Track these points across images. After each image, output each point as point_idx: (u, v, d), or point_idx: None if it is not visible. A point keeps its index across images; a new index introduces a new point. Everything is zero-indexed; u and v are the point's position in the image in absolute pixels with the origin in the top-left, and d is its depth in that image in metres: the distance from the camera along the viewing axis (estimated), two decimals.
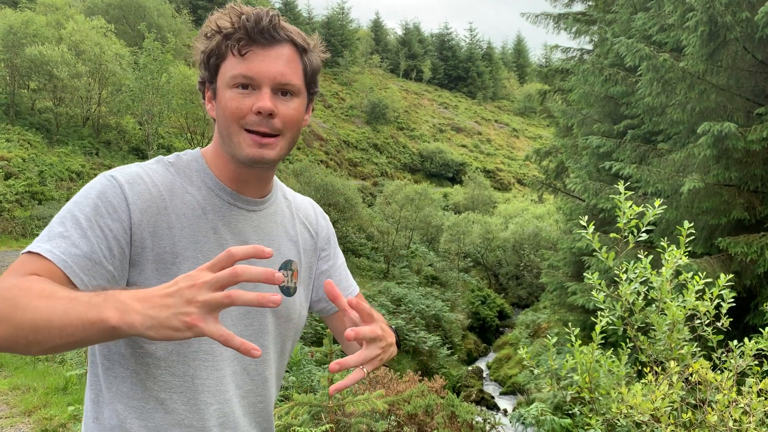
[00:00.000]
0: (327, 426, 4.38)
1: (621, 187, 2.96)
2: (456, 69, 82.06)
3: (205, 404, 1.31)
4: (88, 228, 1.19)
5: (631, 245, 2.92)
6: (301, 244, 1.53)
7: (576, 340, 2.96)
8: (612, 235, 2.97)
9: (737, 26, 8.17)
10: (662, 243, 2.92)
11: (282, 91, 1.31)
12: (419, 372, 8.02)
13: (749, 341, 2.78)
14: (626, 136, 11.95)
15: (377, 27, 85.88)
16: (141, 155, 29.35)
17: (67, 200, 1.34)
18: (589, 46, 18.30)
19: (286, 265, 1.46)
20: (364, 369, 1.20)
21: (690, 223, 2.89)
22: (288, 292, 1.46)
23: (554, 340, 3.11)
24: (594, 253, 2.90)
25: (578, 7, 19.17)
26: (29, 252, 1.15)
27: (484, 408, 13.83)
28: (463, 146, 62.16)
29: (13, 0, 40.87)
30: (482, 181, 45.60)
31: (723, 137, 7.93)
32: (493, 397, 17.21)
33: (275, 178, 1.52)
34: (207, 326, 0.98)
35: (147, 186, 1.28)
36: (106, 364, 1.30)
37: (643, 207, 2.92)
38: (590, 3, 18.07)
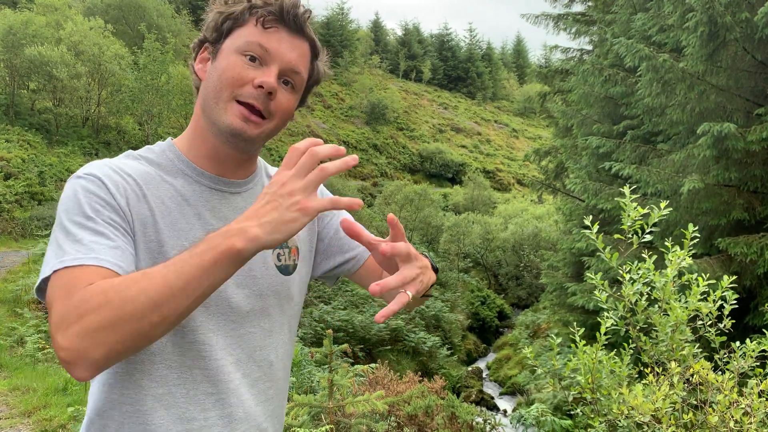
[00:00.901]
0: (327, 427, 4.38)
1: (627, 190, 2.95)
2: (456, 69, 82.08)
3: (205, 395, 1.25)
4: (94, 225, 1.13)
5: (635, 246, 2.92)
6: None
7: (580, 341, 2.95)
8: (616, 236, 2.97)
9: (737, 27, 8.17)
10: (666, 243, 2.92)
11: (285, 79, 1.28)
12: (419, 373, 8.03)
13: (751, 342, 2.78)
14: (626, 136, 11.95)
15: (377, 27, 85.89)
16: None
17: None
18: (589, 47, 18.31)
19: (282, 244, 1.36)
20: (408, 292, 1.12)
21: (690, 223, 2.89)
22: (287, 270, 1.41)
23: (558, 340, 3.11)
24: (597, 254, 2.90)
25: (578, 8, 19.18)
26: (53, 272, 1.08)
27: (484, 408, 13.83)
28: (463, 147, 62.18)
29: (13, 0, 40.90)
30: (482, 181, 45.61)
31: (723, 138, 7.93)
32: (492, 398, 17.21)
33: (260, 160, 1.47)
34: (315, 204, 1.04)
35: (121, 176, 1.22)
36: (103, 376, 1.26)
37: (648, 208, 2.92)
38: (590, 3, 18.07)
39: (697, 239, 2.87)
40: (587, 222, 3.05)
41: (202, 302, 1.07)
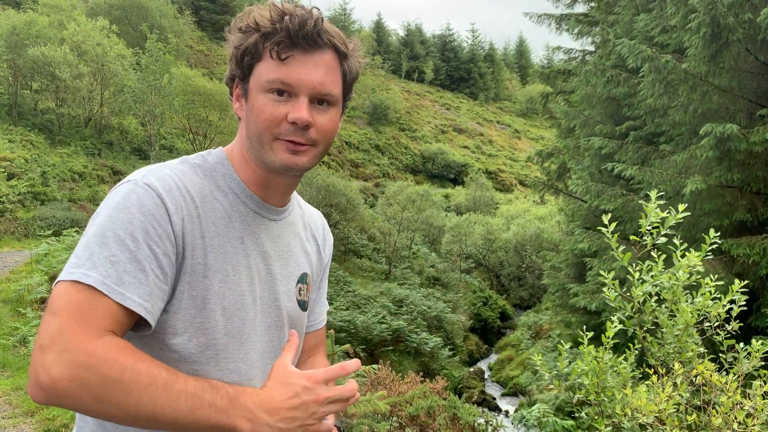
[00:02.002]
0: None
1: (653, 194, 2.97)
2: (458, 70, 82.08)
3: None
4: (136, 250, 1.09)
5: (648, 247, 2.93)
6: (312, 257, 1.49)
7: (587, 344, 2.95)
8: (632, 237, 2.97)
9: (740, 28, 8.16)
10: (676, 242, 2.92)
11: (319, 100, 1.24)
12: (421, 373, 8.02)
13: (756, 342, 2.77)
14: (628, 137, 11.94)
15: (379, 28, 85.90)
16: (143, 156, 29.39)
17: (69, 201, 1.27)
18: (592, 48, 18.31)
19: (303, 278, 1.41)
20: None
21: (692, 224, 2.89)
22: (304, 306, 1.42)
23: (568, 346, 3.11)
24: (600, 255, 2.90)
25: (580, 8, 19.18)
26: (78, 282, 1.04)
27: (485, 409, 13.82)
28: (465, 147, 62.16)
29: (16, 1, 40.97)
30: (484, 182, 45.58)
31: (725, 139, 7.92)
32: (494, 399, 17.19)
33: None
34: (321, 429, 1.14)
35: (181, 192, 1.19)
36: None
37: (667, 212, 2.93)
38: (592, 4, 18.07)
39: (698, 240, 2.88)
40: (605, 220, 3.05)
41: None
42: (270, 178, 1.30)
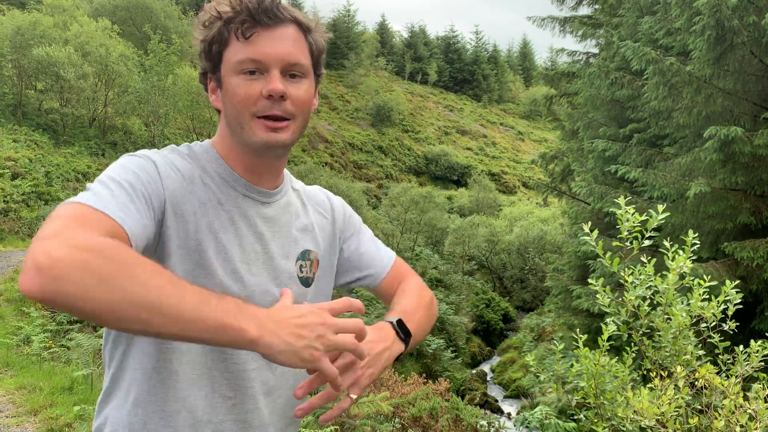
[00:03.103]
0: (332, 428, 4.39)
1: (622, 201, 2.96)
2: (461, 72, 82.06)
3: (223, 398, 1.27)
4: (133, 193, 1.13)
5: (635, 251, 2.92)
6: (318, 232, 1.49)
7: (582, 348, 2.96)
8: (615, 243, 2.97)
9: (744, 30, 8.15)
10: (666, 244, 2.92)
11: (291, 73, 1.27)
12: (423, 375, 8.03)
13: (755, 344, 2.77)
14: (632, 139, 11.92)
15: (383, 29, 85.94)
16: None
17: None
18: (595, 50, 18.31)
19: (304, 255, 1.43)
20: (351, 395, 1.18)
21: (696, 227, 2.89)
22: (306, 282, 1.43)
23: (561, 346, 3.11)
24: (598, 259, 2.90)
25: (584, 11, 19.19)
26: (82, 203, 1.05)
27: (488, 411, 13.81)
28: (468, 149, 62.14)
29: (21, 1, 41.12)
30: (487, 184, 45.57)
31: (729, 141, 7.91)
32: (497, 401, 17.19)
33: (286, 171, 1.49)
34: (325, 363, 1.07)
35: (173, 169, 1.25)
36: (126, 363, 1.26)
37: (646, 214, 2.92)
38: (596, 6, 18.06)
39: (701, 243, 2.88)
40: (586, 228, 3.06)
41: (188, 342, 1.03)
42: (256, 162, 1.34)
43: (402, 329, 1.35)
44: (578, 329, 3.18)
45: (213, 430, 1.26)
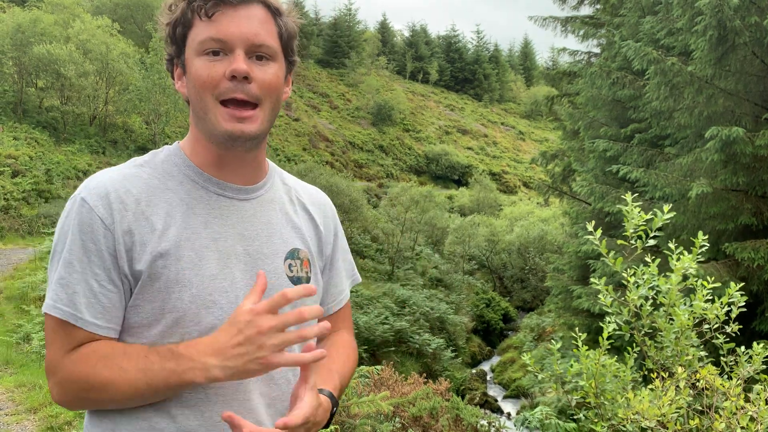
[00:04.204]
0: (332, 428, 4.38)
1: (629, 197, 2.94)
2: (463, 71, 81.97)
3: (220, 416, 1.18)
4: (82, 270, 1.17)
5: (639, 251, 2.90)
6: (305, 232, 1.40)
7: (582, 346, 2.95)
8: (619, 241, 2.95)
9: (746, 31, 8.14)
10: (671, 245, 2.91)
11: (257, 54, 1.21)
12: (423, 374, 8.02)
13: (758, 346, 2.76)
14: (633, 139, 11.91)
15: (384, 28, 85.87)
16: None
17: None
18: (597, 50, 18.29)
19: (293, 254, 1.34)
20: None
21: (697, 227, 2.88)
22: (299, 282, 1.33)
23: (558, 345, 3.10)
24: (603, 258, 2.88)
25: (586, 11, 19.16)
26: (49, 313, 1.19)
27: (488, 411, 13.81)
28: (469, 149, 62.10)
29: None
30: (488, 183, 45.54)
31: (731, 142, 7.90)
32: (497, 400, 17.18)
33: (271, 163, 1.43)
34: (278, 360, 1.11)
35: (118, 195, 1.19)
36: None
37: (651, 213, 2.91)
38: (598, 6, 18.04)
39: (706, 246, 2.85)
40: (590, 227, 3.04)
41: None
42: (224, 155, 1.27)
43: (333, 409, 1.31)
44: (578, 329, 3.17)
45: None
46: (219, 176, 1.28)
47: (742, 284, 2.82)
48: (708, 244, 2.88)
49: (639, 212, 2.91)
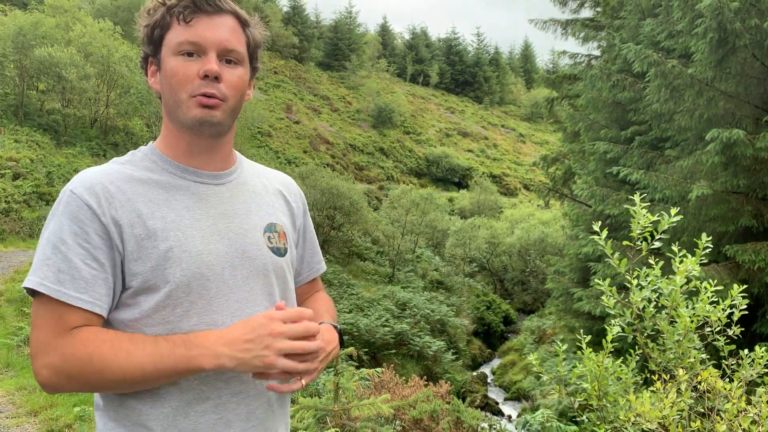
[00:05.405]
0: (333, 430, 4.38)
1: (637, 198, 2.94)
2: (463, 74, 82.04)
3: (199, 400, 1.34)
4: (67, 251, 1.24)
5: (644, 253, 2.90)
6: (278, 208, 1.56)
7: (586, 348, 2.94)
8: (625, 242, 2.95)
9: (746, 33, 8.15)
10: (674, 248, 2.90)
11: (227, 58, 1.36)
12: (424, 377, 8.01)
13: (760, 349, 2.76)
14: (633, 142, 11.91)
15: (384, 31, 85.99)
16: None
17: None
18: (597, 52, 18.31)
19: (270, 228, 1.49)
20: (302, 381, 1.31)
21: (697, 230, 2.88)
22: (279, 252, 1.48)
23: (564, 346, 3.09)
24: (605, 260, 2.88)
25: (586, 13, 19.18)
26: (34, 290, 1.25)
27: (488, 414, 13.79)
28: (470, 151, 62.10)
29: (23, 2, 41.17)
30: (488, 186, 45.55)
31: (731, 144, 7.90)
32: (497, 403, 17.16)
33: (239, 155, 1.56)
34: (278, 363, 1.23)
35: (103, 186, 1.30)
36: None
37: (658, 215, 2.91)
38: (598, 9, 18.06)
39: (710, 248, 2.85)
40: (596, 227, 3.04)
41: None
42: (194, 142, 1.40)
43: (340, 334, 1.54)
44: (581, 332, 3.17)
45: (215, 404, 1.33)
46: (193, 165, 1.41)
47: (744, 287, 2.81)
48: (711, 246, 2.88)
49: (646, 214, 2.91)
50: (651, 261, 2.94)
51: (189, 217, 1.35)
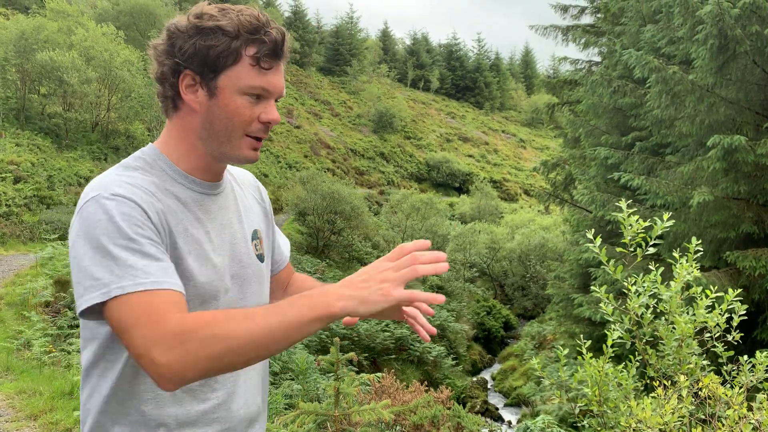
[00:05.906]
0: None
1: (623, 204, 2.94)
2: (464, 79, 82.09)
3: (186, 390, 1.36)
4: (139, 248, 1.20)
5: (639, 259, 2.90)
6: (254, 210, 1.61)
7: (587, 353, 2.94)
8: (618, 249, 2.95)
9: (747, 40, 8.17)
10: (674, 254, 2.91)
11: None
12: (424, 382, 7.99)
13: (760, 354, 2.76)
14: (634, 147, 11.93)
15: (385, 36, 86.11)
16: None
17: (74, 205, 1.37)
18: (598, 58, 18.34)
19: (255, 235, 1.54)
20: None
21: (698, 236, 2.88)
22: (261, 258, 1.55)
23: (566, 351, 3.09)
24: (602, 266, 2.88)
25: (587, 20, 19.24)
26: (111, 298, 1.16)
27: (489, 419, 13.76)
28: (470, 156, 62.13)
29: (25, 6, 41.27)
30: (489, 191, 45.54)
31: (732, 150, 7.91)
32: (497, 409, 17.14)
33: None
34: (397, 294, 1.20)
35: (144, 191, 1.28)
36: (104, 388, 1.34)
37: (650, 221, 2.91)
38: (599, 15, 18.10)
39: (704, 252, 2.86)
40: (590, 235, 3.04)
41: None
42: (215, 165, 1.43)
43: None
44: (581, 337, 3.17)
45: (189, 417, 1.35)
46: (201, 177, 1.43)
47: (740, 291, 2.81)
48: (702, 250, 2.87)
49: (637, 220, 2.91)
50: (651, 267, 2.94)
51: (201, 229, 1.38)
